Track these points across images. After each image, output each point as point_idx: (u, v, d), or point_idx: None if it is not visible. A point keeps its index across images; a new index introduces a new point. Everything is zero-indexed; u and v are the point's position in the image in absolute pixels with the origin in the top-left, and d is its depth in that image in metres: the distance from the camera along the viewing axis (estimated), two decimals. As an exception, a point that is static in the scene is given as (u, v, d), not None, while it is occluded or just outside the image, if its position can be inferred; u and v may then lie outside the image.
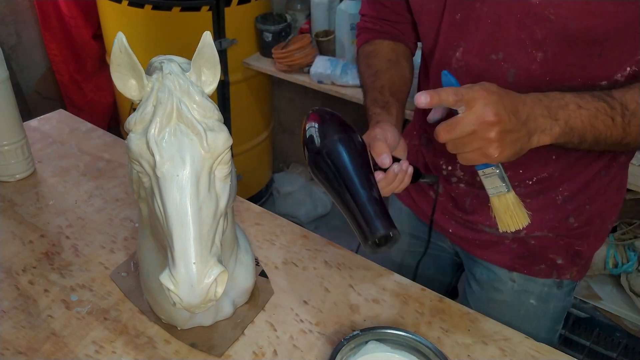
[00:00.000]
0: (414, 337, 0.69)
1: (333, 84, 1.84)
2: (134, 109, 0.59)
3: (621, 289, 1.63)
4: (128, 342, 0.73)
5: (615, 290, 1.65)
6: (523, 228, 0.86)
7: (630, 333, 1.62)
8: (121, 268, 0.84)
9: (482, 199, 0.87)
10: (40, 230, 0.91)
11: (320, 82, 1.85)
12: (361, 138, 0.68)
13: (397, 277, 0.86)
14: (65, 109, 1.47)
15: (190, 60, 0.59)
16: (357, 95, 1.78)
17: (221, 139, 0.57)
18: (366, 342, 0.69)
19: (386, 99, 0.84)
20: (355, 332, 0.69)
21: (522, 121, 0.62)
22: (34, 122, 1.20)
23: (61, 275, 0.82)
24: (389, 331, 0.70)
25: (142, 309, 0.77)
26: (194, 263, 0.54)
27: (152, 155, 0.54)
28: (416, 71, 0.95)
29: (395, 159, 0.72)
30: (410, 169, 0.72)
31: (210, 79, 0.60)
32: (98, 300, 0.79)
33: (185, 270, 0.54)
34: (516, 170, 0.83)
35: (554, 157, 0.81)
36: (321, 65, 1.83)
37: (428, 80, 0.89)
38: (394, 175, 0.70)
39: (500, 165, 0.67)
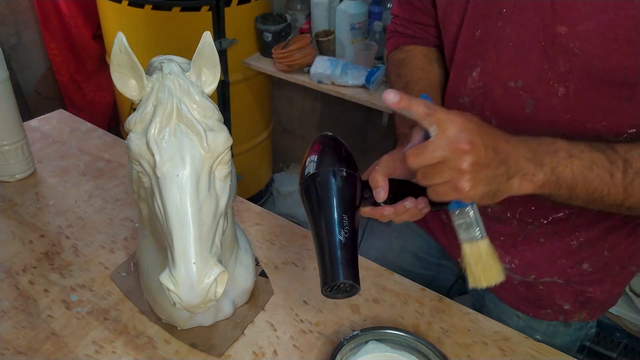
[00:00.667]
0: (414, 337, 0.69)
1: (333, 84, 1.84)
2: (134, 109, 0.59)
3: (621, 289, 1.62)
4: (128, 342, 0.73)
5: (615, 290, 1.65)
6: (532, 273, 0.81)
7: (630, 333, 1.62)
8: (121, 268, 0.84)
9: (494, 232, 0.78)
10: (40, 230, 0.91)
11: (320, 82, 1.85)
12: (358, 175, 0.64)
13: (397, 277, 0.86)
14: (65, 109, 1.47)
15: (190, 60, 0.59)
16: (356, 95, 1.78)
17: (221, 139, 0.57)
18: (366, 342, 0.69)
19: None
20: (355, 332, 0.69)
21: (501, 158, 0.55)
22: (34, 122, 1.20)
23: (61, 275, 0.82)
24: (389, 331, 0.70)
25: (142, 309, 0.77)
26: (194, 263, 0.54)
27: (152, 155, 0.54)
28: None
29: (411, 185, 0.64)
30: (426, 209, 0.65)
31: (210, 79, 0.60)
32: (98, 300, 0.79)
33: (185, 270, 0.54)
34: (527, 207, 0.77)
35: None
36: (321, 65, 1.83)
37: (442, 99, 0.84)
38: (403, 209, 0.63)
39: (474, 205, 0.60)
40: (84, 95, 2.45)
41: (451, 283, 1.01)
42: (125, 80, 0.57)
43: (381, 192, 0.61)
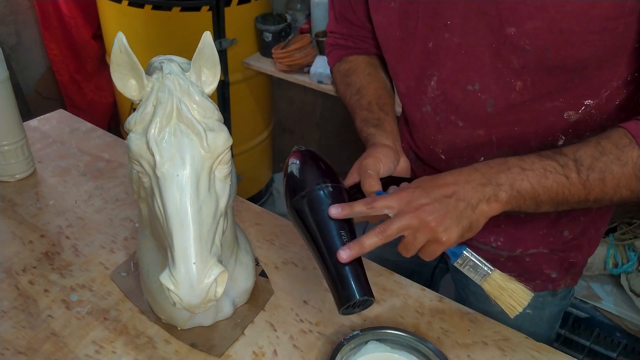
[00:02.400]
0: (414, 337, 0.69)
1: (333, 84, 1.84)
2: (134, 109, 0.59)
3: (621, 289, 1.63)
4: (128, 342, 0.73)
5: (615, 290, 1.65)
6: (518, 247, 0.86)
7: (630, 333, 1.62)
8: (121, 268, 0.84)
9: None
10: (40, 230, 0.91)
11: (320, 82, 1.85)
12: (342, 185, 0.66)
13: (397, 277, 0.86)
14: (65, 109, 1.47)
15: (190, 60, 0.59)
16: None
17: (221, 139, 0.57)
18: (366, 342, 0.69)
19: (377, 116, 0.82)
20: (355, 332, 0.69)
21: (455, 198, 0.60)
22: (34, 122, 1.20)
23: (61, 275, 0.82)
24: (389, 331, 0.70)
25: (142, 309, 0.77)
26: (194, 263, 0.54)
27: (152, 155, 0.54)
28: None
29: (396, 179, 0.70)
30: None
31: (210, 79, 0.60)
32: (98, 300, 0.79)
33: (185, 270, 0.54)
34: None
35: None
36: (321, 65, 1.83)
37: (404, 113, 0.88)
38: None
39: (466, 247, 0.63)
40: (84, 95, 2.45)
41: (435, 268, 1.05)
42: (125, 80, 0.57)
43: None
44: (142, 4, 1.83)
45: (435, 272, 1.08)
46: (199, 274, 0.54)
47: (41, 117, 1.23)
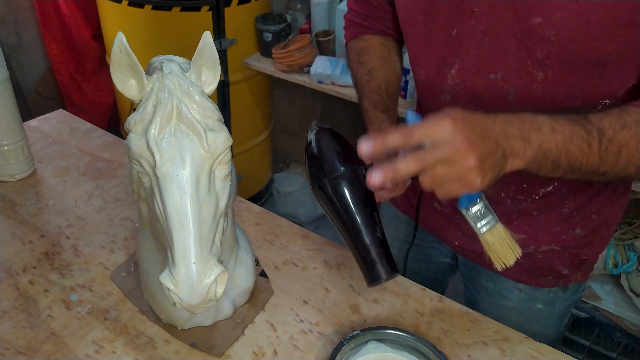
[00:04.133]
0: (414, 337, 0.69)
1: (333, 84, 1.84)
2: (134, 109, 0.59)
3: (621, 289, 1.63)
4: (128, 342, 0.73)
5: (615, 290, 1.65)
6: (531, 245, 0.86)
7: (630, 333, 1.62)
8: (121, 268, 0.84)
9: None
10: (40, 230, 0.91)
11: (320, 82, 1.85)
12: (365, 169, 0.66)
13: (397, 277, 0.86)
14: (65, 109, 1.47)
15: (190, 60, 0.59)
16: (356, 95, 1.78)
17: (221, 139, 0.57)
18: (366, 342, 0.69)
19: (385, 102, 0.83)
20: (355, 332, 0.69)
21: (496, 143, 0.57)
22: (34, 122, 1.20)
23: (61, 275, 0.82)
24: (389, 331, 0.70)
25: (142, 309, 0.77)
26: (194, 263, 0.54)
27: (152, 155, 0.54)
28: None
29: None
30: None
31: (210, 79, 0.60)
32: (98, 300, 0.79)
33: (185, 270, 0.54)
34: (520, 185, 0.81)
35: None
36: (321, 65, 1.83)
37: (421, 101, 0.88)
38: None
39: (482, 195, 0.63)
40: (84, 95, 2.45)
41: (446, 265, 1.05)
42: (126, 80, 0.57)
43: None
44: (142, 4, 1.83)
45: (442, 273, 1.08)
46: (199, 274, 0.54)
47: (41, 117, 1.23)
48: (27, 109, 2.26)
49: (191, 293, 0.54)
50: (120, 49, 0.54)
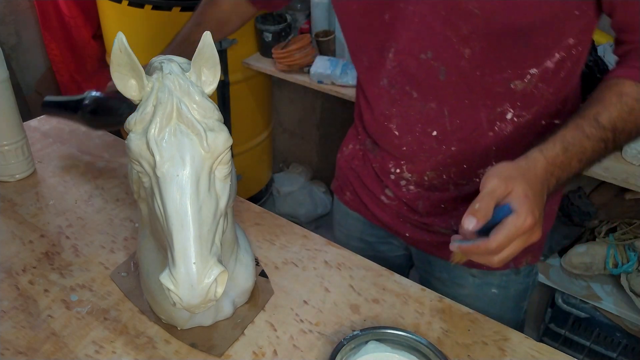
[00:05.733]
0: (414, 337, 0.69)
1: (333, 84, 1.84)
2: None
3: (621, 289, 1.63)
4: (128, 342, 0.73)
5: (615, 290, 1.65)
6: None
7: (630, 333, 1.62)
8: (121, 268, 0.84)
9: (435, 201, 0.89)
10: (40, 230, 0.91)
11: (320, 82, 1.85)
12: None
13: (397, 277, 0.86)
14: (65, 109, 1.47)
15: (190, 60, 0.59)
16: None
17: (221, 139, 0.57)
18: (366, 342, 0.69)
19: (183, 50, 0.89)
20: (355, 332, 0.69)
21: (543, 197, 0.63)
22: (34, 122, 1.20)
23: (61, 275, 0.82)
24: (389, 331, 0.70)
25: (142, 309, 0.77)
26: (194, 263, 0.54)
27: (152, 155, 0.54)
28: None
29: None
30: None
31: (210, 79, 0.60)
32: (98, 300, 0.79)
33: (185, 270, 0.54)
34: (460, 167, 0.84)
35: (493, 147, 0.81)
36: (321, 65, 1.83)
37: (363, 87, 0.89)
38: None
39: None
40: (84, 95, 2.44)
41: (402, 259, 1.07)
42: (126, 80, 0.57)
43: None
44: (142, 4, 1.83)
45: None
46: (199, 274, 0.54)
47: (41, 117, 1.23)
48: (27, 109, 2.25)
49: (191, 293, 0.54)
50: (120, 48, 0.54)
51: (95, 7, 2.09)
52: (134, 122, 0.56)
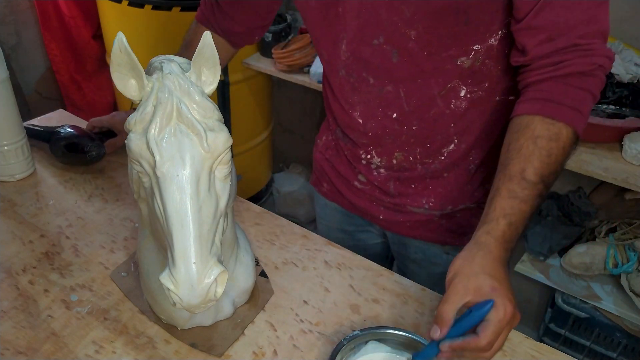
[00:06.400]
0: (414, 337, 0.69)
1: (333, 84, 1.84)
2: (134, 109, 0.59)
3: (621, 289, 1.62)
4: (128, 342, 0.73)
5: (615, 290, 1.65)
6: (448, 205, 0.93)
7: (630, 333, 1.62)
8: (121, 268, 0.84)
9: (404, 181, 0.93)
10: (40, 230, 0.91)
11: (320, 82, 1.85)
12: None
13: (397, 277, 0.86)
14: (65, 109, 1.47)
15: (190, 60, 0.59)
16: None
17: (221, 139, 0.57)
18: (366, 342, 0.69)
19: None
20: (355, 332, 0.69)
21: (507, 275, 0.66)
22: (34, 122, 1.20)
23: (61, 275, 0.82)
24: (389, 331, 0.70)
25: (142, 309, 0.77)
26: (194, 263, 0.54)
27: (152, 155, 0.54)
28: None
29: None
30: None
31: (210, 79, 0.60)
32: (98, 300, 0.79)
33: (185, 270, 0.54)
34: (424, 146, 0.87)
35: (452, 125, 0.85)
36: (321, 65, 1.83)
37: (327, 79, 0.94)
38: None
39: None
40: (84, 95, 2.44)
41: (380, 247, 1.10)
42: (126, 81, 0.57)
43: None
44: (142, 4, 1.83)
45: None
46: (199, 274, 0.54)
47: (41, 117, 1.23)
48: (27, 109, 2.25)
49: (191, 293, 0.54)
50: (120, 48, 0.54)
51: (95, 7, 2.09)
52: (134, 122, 0.56)
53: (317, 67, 1.83)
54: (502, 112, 0.84)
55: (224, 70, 1.99)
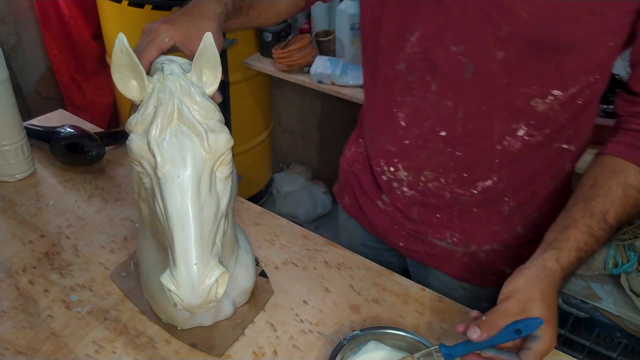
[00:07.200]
0: (414, 337, 0.69)
1: (333, 84, 1.84)
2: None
3: (621, 289, 1.62)
4: (128, 342, 0.73)
5: (615, 290, 1.65)
6: (472, 244, 0.87)
7: (630, 333, 1.62)
8: (121, 268, 0.84)
9: (429, 208, 0.86)
10: (40, 230, 0.91)
11: (320, 82, 1.85)
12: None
13: (397, 277, 0.86)
14: (65, 109, 1.47)
15: (191, 61, 0.59)
16: (356, 95, 1.78)
17: (222, 140, 0.57)
18: (366, 342, 0.69)
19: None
20: (355, 332, 0.69)
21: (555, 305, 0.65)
22: (34, 122, 1.20)
23: (61, 275, 0.83)
24: (389, 331, 0.70)
25: (142, 309, 0.77)
26: (195, 264, 0.54)
27: (153, 156, 0.54)
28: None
29: None
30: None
31: (211, 80, 0.60)
32: (98, 300, 0.79)
33: (186, 271, 0.54)
34: (459, 173, 0.80)
35: (496, 160, 0.78)
36: (321, 65, 1.83)
37: (377, 69, 0.82)
38: None
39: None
40: (84, 95, 2.45)
41: (399, 265, 1.04)
42: (127, 81, 0.57)
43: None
44: (142, 4, 1.83)
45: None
46: (200, 275, 0.54)
47: (41, 117, 1.23)
48: (27, 109, 2.26)
49: (192, 294, 0.54)
50: (121, 49, 0.54)
51: (95, 7, 2.09)
52: (134, 123, 0.56)
53: (317, 67, 1.83)
54: (553, 160, 0.79)
55: (224, 71, 1.98)
